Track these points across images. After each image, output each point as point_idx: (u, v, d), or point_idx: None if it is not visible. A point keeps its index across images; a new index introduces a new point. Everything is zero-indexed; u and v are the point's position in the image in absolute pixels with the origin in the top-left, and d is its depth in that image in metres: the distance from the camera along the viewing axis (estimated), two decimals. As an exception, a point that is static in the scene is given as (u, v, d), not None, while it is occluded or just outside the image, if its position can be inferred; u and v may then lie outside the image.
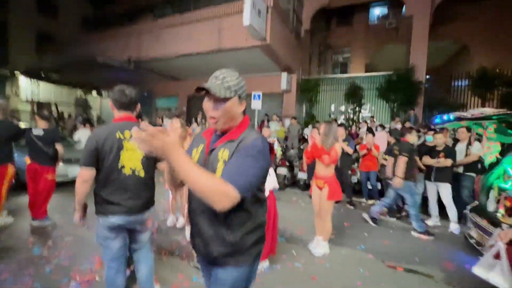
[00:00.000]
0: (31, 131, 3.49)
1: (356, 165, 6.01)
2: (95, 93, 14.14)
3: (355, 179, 5.99)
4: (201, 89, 1.03)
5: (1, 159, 3.23)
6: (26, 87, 12.14)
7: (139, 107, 1.92)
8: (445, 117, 3.83)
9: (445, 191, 4.22)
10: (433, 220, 4.46)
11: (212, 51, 8.35)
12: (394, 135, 4.99)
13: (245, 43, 7.62)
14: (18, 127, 3.56)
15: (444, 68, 12.68)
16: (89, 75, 11.88)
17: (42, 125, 3.54)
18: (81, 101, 14.41)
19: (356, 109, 10.18)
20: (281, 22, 8.49)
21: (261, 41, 7.42)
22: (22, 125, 7.28)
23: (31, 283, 2.30)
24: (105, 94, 14.11)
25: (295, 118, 9.07)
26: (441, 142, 4.31)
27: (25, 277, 2.37)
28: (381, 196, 5.23)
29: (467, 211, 3.62)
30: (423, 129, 5.92)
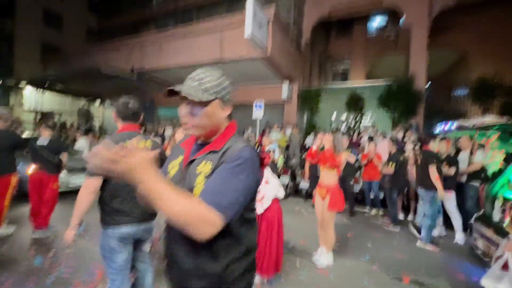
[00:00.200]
0: (35, 141, 3.52)
1: (358, 174, 5.99)
2: (98, 103, 14.27)
3: (357, 188, 5.96)
4: (174, 93, 0.88)
5: (4, 169, 3.24)
6: (30, 97, 12.29)
7: (142, 116, 1.96)
8: (446, 127, 3.83)
9: (449, 200, 4.19)
10: (438, 230, 4.40)
11: (213, 62, 8.47)
12: (395, 145, 4.99)
13: (246, 54, 7.74)
14: (20, 137, 3.57)
15: (444, 77, 12.76)
16: (92, 85, 12.04)
17: (46, 134, 3.57)
18: (83, 111, 14.54)
19: (357, 118, 10.22)
20: (282, 33, 8.65)
21: (262, 52, 7.54)
22: (25, 134, 7.36)
23: (32, 295, 2.27)
24: (107, 104, 14.24)
25: (296, 127, 9.11)
26: (443, 151, 4.30)
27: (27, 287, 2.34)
28: (384, 205, 5.19)
29: (472, 221, 3.58)
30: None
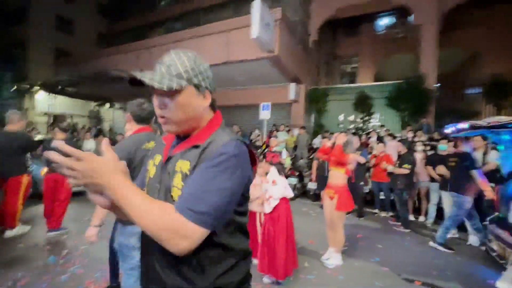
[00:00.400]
0: (50, 142, 3.61)
1: (368, 175, 5.92)
2: (108, 106, 14.56)
3: (366, 189, 5.88)
4: (138, 82, 0.72)
5: (15, 171, 3.35)
6: (43, 100, 12.64)
7: (154, 118, 1.99)
8: (459, 126, 3.74)
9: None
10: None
11: (220, 63, 8.53)
12: (405, 145, 4.91)
13: (253, 55, 7.77)
14: (30, 138, 3.65)
15: (455, 75, 12.50)
16: (102, 88, 12.31)
17: (60, 136, 3.66)
18: (94, 113, 14.86)
19: (365, 119, 10.10)
20: (289, 33, 8.64)
21: (269, 53, 7.55)
22: (39, 136, 7.57)
23: (47, 292, 2.34)
24: (117, 106, 14.52)
25: (304, 128, 9.07)
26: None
27: (41, 285, 2.41)
28: (393, 207, 5.11)
29: (487, 223, 3.48)
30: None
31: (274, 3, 8.23)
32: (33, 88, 12.55)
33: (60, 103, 12.97)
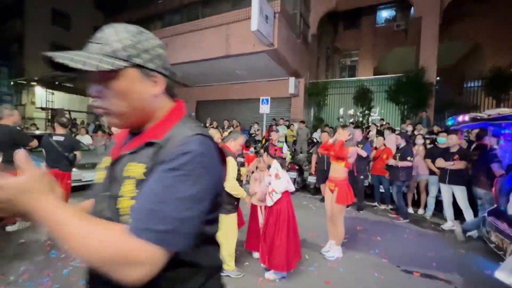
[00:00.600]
0: (50, 137, 3.59)
1: (367, 168, 5.93)
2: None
3: (366, 183, 5.91)
4: (58, 64, 0.57)
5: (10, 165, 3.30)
6: (41, 96, 12.57)
7: None
8: (459, 119, 3.74)
9: (461, 194, 4.12)
10: (449, 224, 4.34)
11: (220, 57, 8.47)
12: (404, 137, 4.92)
13: (252, 48, 7.71)
14: (21, 132, 3.51)
15: (455, 68, 12.44)
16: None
17: (60, 131, 3.64)
18: (92, 109, 14.83)
19: (365, 112, 10.09)
20: (288, 27, 8.56)
21: (269, 46, 7.49)
22: (37, 132, 7.54)
23: (50, 284, 2.36)
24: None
25: (303, 122, 9.06)
26: (454, 143, 4.22)
27: (44, 279, 2.43)
28: (392, 200, 5.14)
29: (486, 215, 3.51)
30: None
31: (273, -4, 8.12)
32: (30, 83, 12.47)
33: (58, 99, 12.91)
